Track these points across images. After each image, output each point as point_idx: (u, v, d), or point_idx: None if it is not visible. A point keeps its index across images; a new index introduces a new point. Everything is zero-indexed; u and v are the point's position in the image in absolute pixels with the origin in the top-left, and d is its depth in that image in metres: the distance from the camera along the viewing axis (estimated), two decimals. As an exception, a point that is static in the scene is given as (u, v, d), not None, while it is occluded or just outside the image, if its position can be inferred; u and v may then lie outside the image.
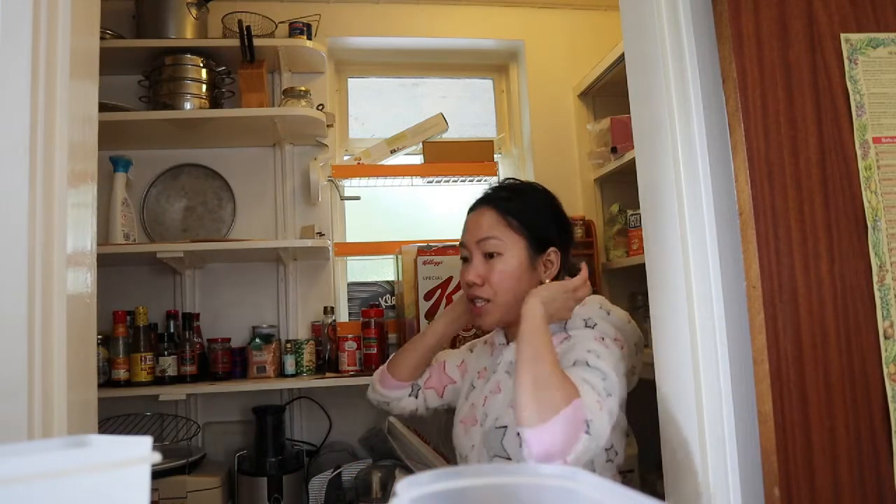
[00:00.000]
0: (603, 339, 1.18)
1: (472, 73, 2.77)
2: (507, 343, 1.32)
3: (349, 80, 2.67)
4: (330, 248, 2.27)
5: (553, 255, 1.29)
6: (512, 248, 1.26)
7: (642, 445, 2.11)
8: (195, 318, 2.14)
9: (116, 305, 2.04)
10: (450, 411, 1.46)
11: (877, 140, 1.04)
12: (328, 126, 2.30)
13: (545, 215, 1.31)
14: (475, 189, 2.69)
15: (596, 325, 1.23)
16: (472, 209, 1.34)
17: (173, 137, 2.24)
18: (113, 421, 2.08)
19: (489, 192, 1.34)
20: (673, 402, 1.15)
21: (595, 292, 2.31)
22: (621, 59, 1.84)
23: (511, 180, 1.40)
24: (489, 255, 1.26)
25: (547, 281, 1.27)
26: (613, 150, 2.28)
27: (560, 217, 1.34)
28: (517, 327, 1.12)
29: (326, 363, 2.19)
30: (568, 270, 1.32)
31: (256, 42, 2.15)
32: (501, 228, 1.26)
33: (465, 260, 1.31)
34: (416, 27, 2.55)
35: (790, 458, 0.96)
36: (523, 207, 1.28)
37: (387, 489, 1.89)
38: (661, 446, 1.19)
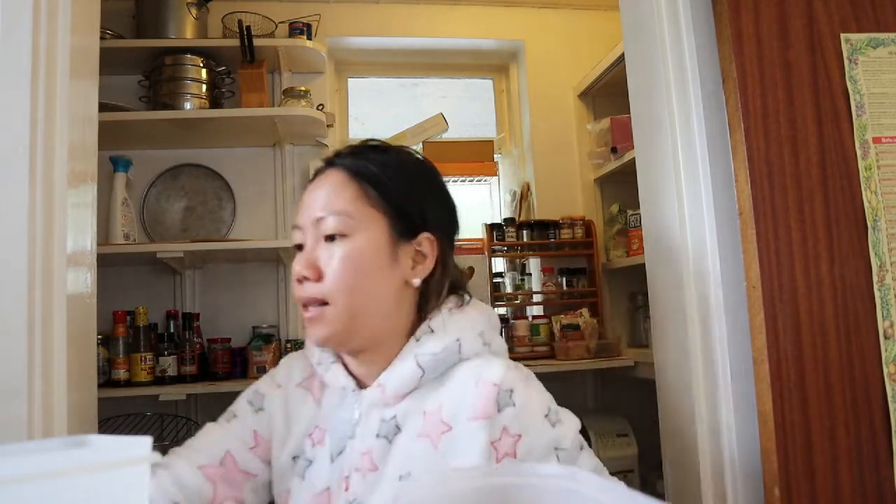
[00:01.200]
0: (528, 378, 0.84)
1: (472, 73, 2.77)
2: (358, 385, 0.86)
3: (349, 80, 2.67)
4: (330, 248, 2.27)
5: (427, 243, 0.85)
6: (365, 228, 0.82)
7: (642, 445, 2.11)
8: (195, 318, 2.14)
9: (116, 305, 2.04)
10: None
11: (877, 140, 1.04)
12: (328, 126, 2.30)
13: (419, 186, 0.88)
14: (475, 189, 2.70)
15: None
16: (313, 177, 0.90)
17: (173, 137, 2.24)
18: (113, 421, 2.08)
19: (339, 151, 0.91)
20: (673, 402, 1.15)
21: (592, 293, 2.35)
22: (621, 59, 1.84)
23: (374, 141, 0.93)
24: (330, 238, 0.82)
25: (415, 282, 0.85)
26: (613, 150, 2.28)
27: (442, 195, 0.92)
28: (373, 354, 0.83)
29: (326, 363, 2.19)
30: (450, 273, 0.89)
31: (256, 42, 2.15)
32: (350, 199, 0.83)
33: (299, 248, 0.87)
34: (416, 27, 2.55)
35: (790, 458, 0.96)
36: (386, 171, 0.85)
37: (387, 489, 1.88)
38: (660, 446, 1.19)
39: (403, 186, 0.86)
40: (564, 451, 0.79)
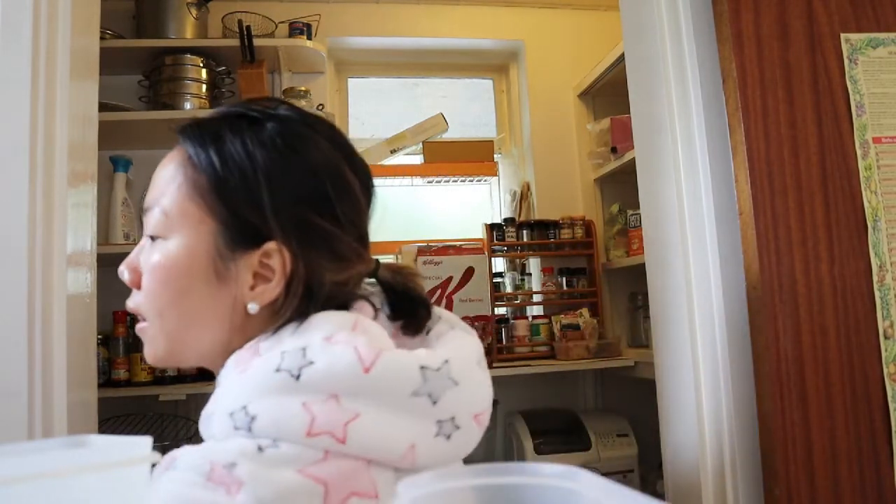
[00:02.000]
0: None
1: (472, 73, 2.77)
2: None
3: (349, 80, 2.67)
4: (330, 248, 2.27)
5: (276, 256, 0.62)
6: (182, 232, 0.64)
7: (642, 445, 2.11)
8: (195, 318, 2.14)
9: (116, 305, 2.03)
10: None
11: (877, 140, 1.04)
12: (328, 126, 2.30)
13: (280, 168, 0.64)
14: (475, 189, 2.70)
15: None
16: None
17: (173, 137, 2.23)
18: (113, 421, 2.08)
19: (198, 119, 0.72)
20: (673, 402, 1.15)
21: (592, 293, 2.35)
22: (621, 59, 1.84)
23: (255, 105, 0.69)
24: (152, 238, 0.66)
25: (251, 308, 0.62)
26: (613, 150, 2.28)
27: (317, 180, 0.65)
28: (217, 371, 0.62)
29: (326, 363, 2.18)
30: (317, 291, 0.63)
31: (256, 42, 2.15)
32: (176, 191, 0.67)
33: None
34: (416, 27, 2.55)
35: (790, 458, 0.96)
36: (232, 158, 0.64)
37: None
38: (660, 446, 1.19)
39: (250, 180, 0.62)
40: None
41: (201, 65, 2.17)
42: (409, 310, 0.69)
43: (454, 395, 0.59)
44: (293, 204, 0.63)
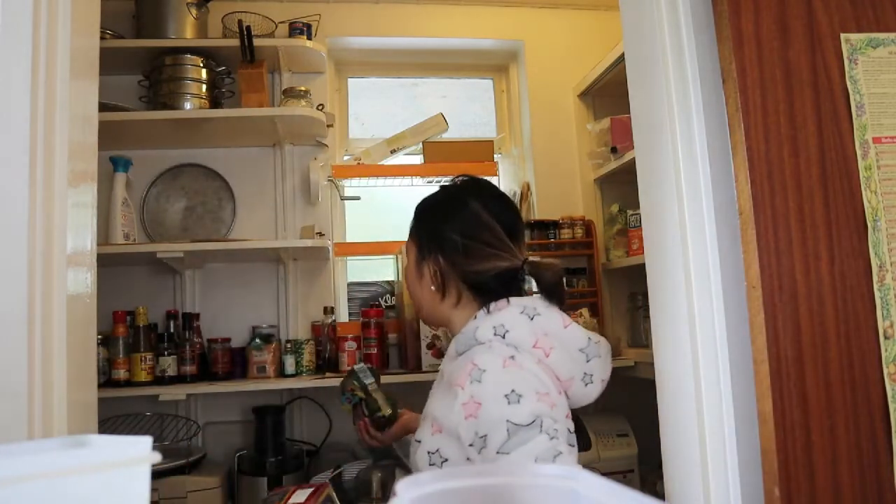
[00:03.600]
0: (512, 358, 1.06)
1: (472, 73, 2.77)
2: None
3: (349, 80, 2.67)
4: (330, 248, 2.27)
5: (431, 265, 1.21)
6: (409, 249, 1.29)
7: (642, 445, 2.11)
8: (195, 318, 2.14)
9: (116, 305, 2.04)
10: None
11: (877, 140, 1.04)
12: (328, 126, 2.30)
13: (427, 217, 1.27)
14: (475, 189, 2.70)
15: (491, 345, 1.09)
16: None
17: (173, 137, 2.24)
18: (113, 421, 2.08)
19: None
20: (673, 402, 1.15)
21: (592, 293, 2.34)
22: (621, 59, 1.84)
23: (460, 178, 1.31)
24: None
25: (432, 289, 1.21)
26: (613, 150, 2.28)
27: (437, 222, 1.23)
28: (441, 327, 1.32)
29: (326, 363, 2.19)
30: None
31: (256, 42, 2.15)
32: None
33: None
34: (416, 27, 2.55)
35: (790, 458, 0.96)
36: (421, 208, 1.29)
37: (387, 489, 1.89)
38: (661, 446, 1.19)
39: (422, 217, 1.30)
40: (514, 426, 0.97)
41: (201, 65, 2.17)
42: (551, 290, 1.18)
43: (597, 362, 1.15)
44: (435, 234, 1.23)
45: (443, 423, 1.06)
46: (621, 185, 2.41)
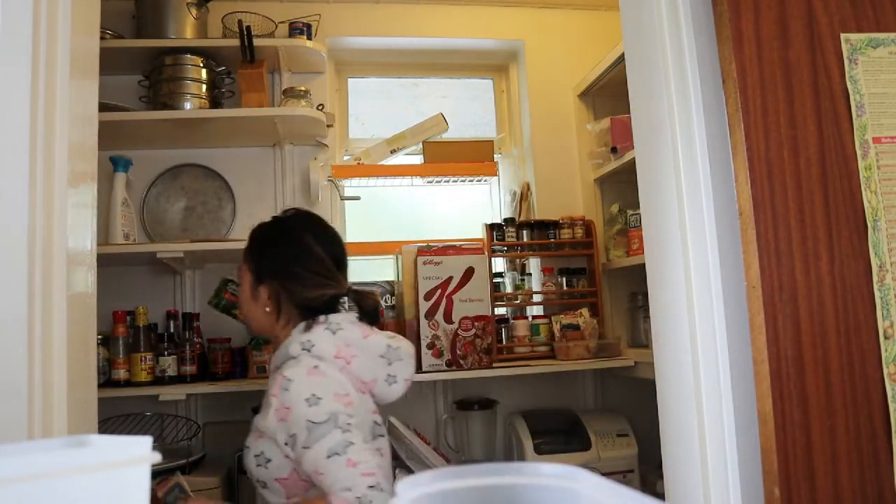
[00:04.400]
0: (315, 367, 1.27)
1: (472, 73, 2.77)
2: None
3: (349, 80, 2.67)
4: (330, 248, 2.27)
5: (267, 289, 1.39)
6: (244, 273, 1.44)
7: (642, 445, 2.11)
8: (195, 318, 2.14)
9: (116, 305, 2.04)
10: None
11: (877, 140, 1.04)
12: (328, 126, 2.30)
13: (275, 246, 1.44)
14: (475, 189, 2.70)
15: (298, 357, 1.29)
16: None
17: (173, 137, 2.24)
18: (113, 421, 2.08)
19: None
20: (673, 402, 1.15)
21: (592, 293, 2.34)
22: (621, 59, 1.84)
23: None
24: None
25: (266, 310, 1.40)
26: (613, 150, 2.28)
27: (274, 252, 1.41)
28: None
29: (326, 363, 2.19)
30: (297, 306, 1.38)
31: (256, 42, 2.15)
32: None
33: None
34: (416, 27, 2.55)
35: (790, 458, 0.96)
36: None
37: (387, 489, 1.88)
38: (661, 446, 1.19)
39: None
40: (313, 424, 1.16)
41: (201, 65, 2.17)
42: (370, 314, 1.41)
43: (399, 364, 1.35)
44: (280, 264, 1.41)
45: (264, 430, 1.25)
46: (621, 185, 2.41)
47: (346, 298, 1.41)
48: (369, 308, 1.40)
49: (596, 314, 2.31)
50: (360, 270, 2.59)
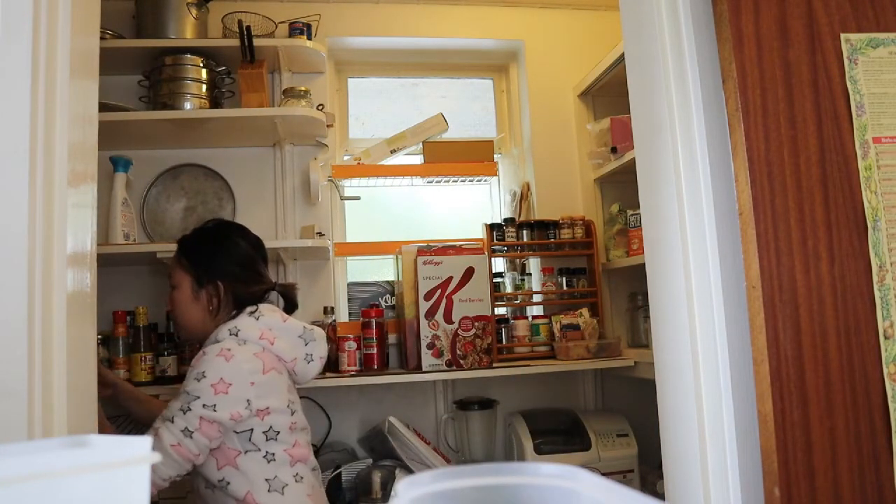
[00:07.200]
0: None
1: (472, 73, 2.77)
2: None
3: (349, 80, 2.67)
4: (330, 248, 2.27)
5: (210, 290, 1.55)
6: (181, 279, 1.57)
7: (642, 445, 2.11)
8: (195, 318, 2.13)
9: (116, 305, 2.04)
10: None
11: (877, 140, 1.04)
12: (328, 126, 2.30)
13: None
14: (475, 189, 2.70)
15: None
16: None
17: (173, 137, 2.24)
18: (113, 421, 2.08)
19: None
20: (673, 402, 1.15)
21: (592, 293, 2.35)
22: (621, 59, 1.84)
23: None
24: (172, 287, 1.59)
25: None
26: (613, 150, 2.28)
27: (215, 257, 1.57)
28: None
29: (326, 363, 2.19)
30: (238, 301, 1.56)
31: (256, 42, 2.15)
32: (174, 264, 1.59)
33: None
34: (416, 27, 2.55)
35: (790, 458, 0.96)
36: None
37: (387, 489, 1.89)
38: (661, 446, 1.19)
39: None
40: (185, 393, 1.37)
41: (201, 65, 2.17)
42: (293, 302, 1.69)
43: (313, 344, 1.55)
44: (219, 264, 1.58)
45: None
46: (621, 185, 2.41)
47: (273, 291, 1.64)
48: (294, 298, 1.67)
49: (596, 314, 2.31)
50: (361, 270, 2.59)
